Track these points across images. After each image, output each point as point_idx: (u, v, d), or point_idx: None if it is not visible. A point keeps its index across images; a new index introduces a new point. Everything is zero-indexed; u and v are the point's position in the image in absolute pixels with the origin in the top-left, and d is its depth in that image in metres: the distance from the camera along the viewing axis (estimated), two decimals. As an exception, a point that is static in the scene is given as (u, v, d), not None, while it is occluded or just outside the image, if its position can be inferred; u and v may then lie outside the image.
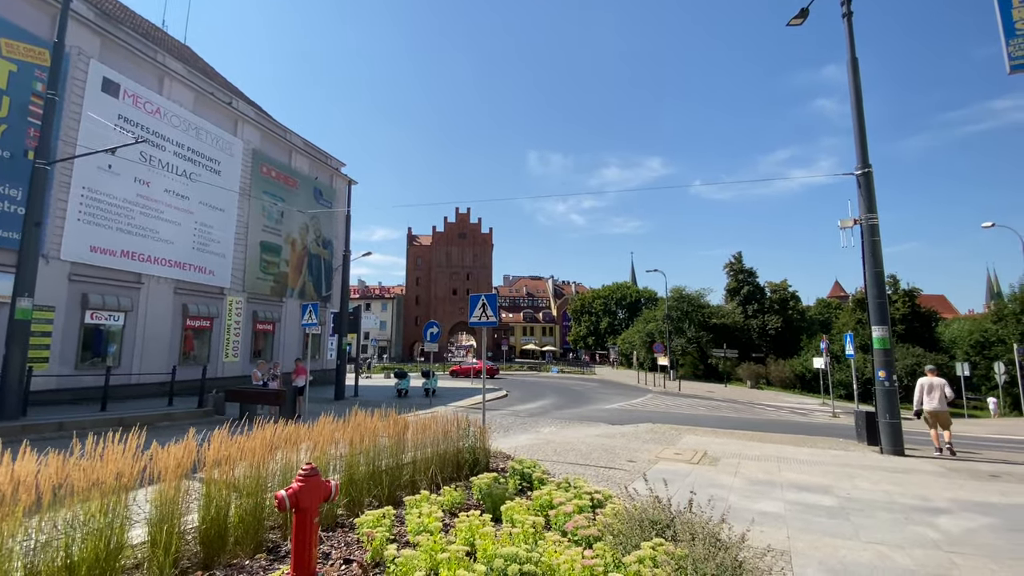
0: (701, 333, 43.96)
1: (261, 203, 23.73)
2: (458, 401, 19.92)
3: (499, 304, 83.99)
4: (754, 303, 45.97)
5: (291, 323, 25.54)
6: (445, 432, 6.82)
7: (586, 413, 17.79)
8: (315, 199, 27.93)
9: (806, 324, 44.97)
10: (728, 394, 29.63)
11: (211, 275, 20.92)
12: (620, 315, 72.66)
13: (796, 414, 20.68)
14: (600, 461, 8.68)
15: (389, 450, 6.04)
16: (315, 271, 27.90)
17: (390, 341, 74.31)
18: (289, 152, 26.39)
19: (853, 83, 11.06)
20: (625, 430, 12.78)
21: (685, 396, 27.35)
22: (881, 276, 10.61)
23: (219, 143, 21.56)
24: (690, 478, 7.54)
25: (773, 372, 38.39)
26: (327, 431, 5.61)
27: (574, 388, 30.52)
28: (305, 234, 27.08)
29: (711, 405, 22.95)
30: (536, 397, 23.97)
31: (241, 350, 22.33)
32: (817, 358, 24.69)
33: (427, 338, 18.37)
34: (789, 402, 26.36)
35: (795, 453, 9.94)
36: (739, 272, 47.99)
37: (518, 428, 13.04)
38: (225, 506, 4.31)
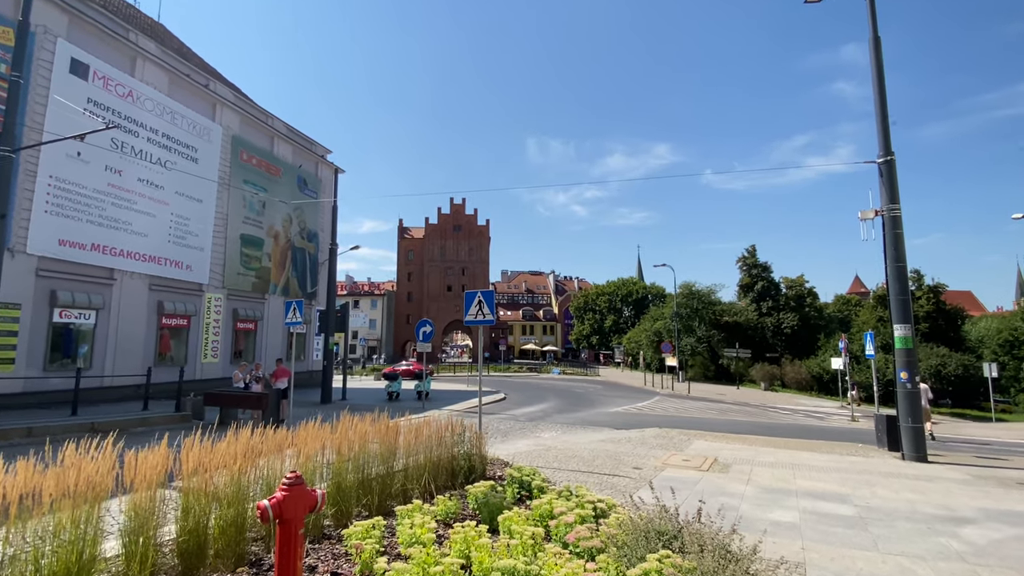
0: (712, 332, 44.03)
1: (241, 193, 23.66)
2: (453, 405, 19.94)
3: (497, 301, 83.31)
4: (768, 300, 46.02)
5: (274, 322, 25.52)
6: (439, 437, 6.83)
7: (589, 417, 17.83)
8: (299, 189, 27.86)
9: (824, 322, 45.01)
10: (740, 397, 29.71)
11: (188, 270, 20.88)
12: (626, 313, 72.73)
13: (812, 418, 20.75)
14: (604, 468, 8.71)
15: (379, 457, 6.05)
16: (299, 266, 27.86)
17: (380, 341, 74.33)
18: (271, 138, 26.30)
19: (875, 63, 11.05)
20: (631, 435, 12.82)
21: (695, 399, 27.43)
22: (904, 271, 10.63)
23: (196, 129, 21.47)
24: (699, 486, 7.57)
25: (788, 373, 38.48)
26: (313, 437, 5.62)
27: (576, 390, 30.58)
28: (289, 226, 27.03)
29: (722, 408, 23.01)
30: (536, 400, 24.02)
31: (221, 350, 22.32)
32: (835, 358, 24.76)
33: (420, 338, 18.37)
34: (805, 405, 26.45)
35: (811, 459, 9.98)
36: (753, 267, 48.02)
37: (517, 433, 13.08)
38: (204, 517, 4.32)
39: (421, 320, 18.92)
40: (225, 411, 13.45)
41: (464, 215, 74.82)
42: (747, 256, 48.96)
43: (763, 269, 47.82)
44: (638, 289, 72.94)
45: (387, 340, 74.24)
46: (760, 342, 43.76)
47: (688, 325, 44.54)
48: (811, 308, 45.36)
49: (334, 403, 19.52)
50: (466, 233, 74.18)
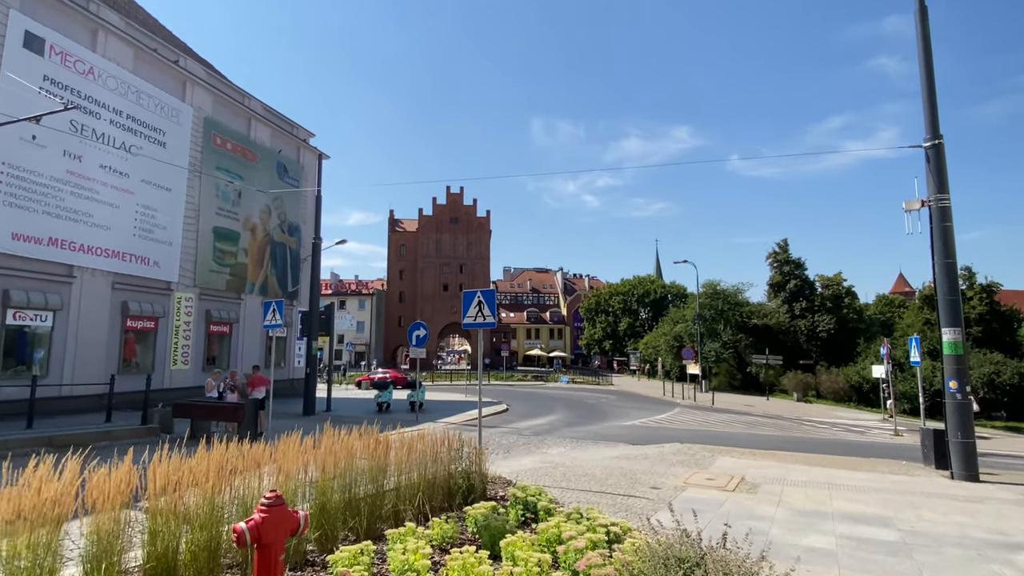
0: (739, 336, 43.95)
1: (215, 181, 23.74)
2: (449, 417, 19.95)
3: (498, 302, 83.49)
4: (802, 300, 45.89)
5: (251, 324, 25.61)
6: (434, 453, 6.85)
7: (602, 431, 17.83)
8: (279, 176, 27.93)
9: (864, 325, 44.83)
10: (770, 408, 29.67)
11: (156, 267, 20.96)
12: (642, 315, 72.69)
13: (851, 432, 20.71)
14: (618, 488, 8.71)
15: (368, 474, 6.06)
16: (279, 262, 27.94)
17: (369, 345, 74.49)
18: (248, 120, 26.36)
19: (921, 36, 11.00)
20: (648, 451, 12.81)
21: (719, 411, 27.40)
22: (953, 268, 10.59)
23: (164, 110, 21.55)
24: (724, 508, 7.57)
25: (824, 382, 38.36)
26: (295, 452, 5.64)
27: (587, 401, 30.56)
28: (267, 218, 27.11)
29: (750, 421, 22.99)
30: (542, 412, 24.01)
31: (192, 356, 22.41)
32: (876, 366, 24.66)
33: (413, 342, 18.40)
34: (843, 418, 26.39)
35: (849, 478, 9.96)
36: (784, 263, 47.90)
37: (521, 449, 13.08)
38: (174, 541, 4.34)
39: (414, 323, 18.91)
40: (196, 424, 13.49)
41: (462, 206, 74.89)
42: (778, 251, 48.83)
43: (796, 266, 47.69)
44: (656, 288, 72.87)
45: (377, 345, 74.36)
46: (792, 347, 43.63)
47: (712, 328, 44.46)
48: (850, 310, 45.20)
49: (318, 415, 19.56)
50: (464, 226, 74.26)
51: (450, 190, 74.81)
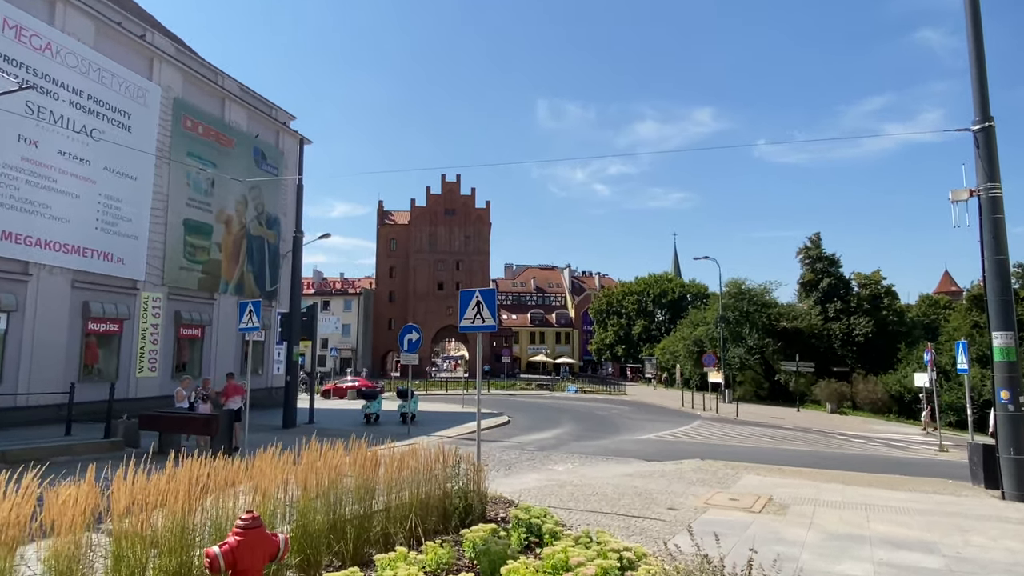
0: (766, 340, 43.92)
1: (185, 168, 23.79)
2: (444, 430, 19.96)
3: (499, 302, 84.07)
4: (836, 301, 45.82)
5: (225, 327, 25.67)
6: (428, 470, 6.86)
7: (614, 445, 17.85)
8: (256, 163, 27.98)
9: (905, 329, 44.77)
10: (801, 421, 29.66)
11: (120, 264, 21.02)
12: (659, 316, 72.66)
13: (891, 447, 20.69)
14: (632, 509, 8.72)
15: (355, 494, 6.08)
16: (256, 259, 27.99)
17: (355, 351, 74.62)
18: (222, 101, 26.41)
19: (970, 6, 10.98)
20: (665, 468, 12.82)
21: (744, 423, 27.40)
22: (1005, 265, 10.57)
23: (129, 89, 21.59)
24: (750, 531, 7.58)
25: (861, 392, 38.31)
26: (273, 469, 5.65)
27: (598, 412, 30.57)
28: (243, 210, 27.16)
29: (778, 435, 22.99)
30: (548, 424, 24.04)
31: (160, 362, 22.47)
32: (919, 373, 24.60)
33: (404, 347, 18.41)
34: (881, 431, 26.38)
35: (888, 499, 9.96)
36: (817, 260, 47.84)
37: (524, 465, 13.11)
38: (140, 566, 4.35)
39: (406, 326, 18.93)
40: (165, 437, 13.53)
41: (458, 196, 74.94)
42: (810, 247, 48.78)
43: (830, 263, 47.63)
44: (674, 287, 72.88)
45: (364, 350, 74.49)
46: (826, 353, 43.58)
47: (736, 332, 44.43)
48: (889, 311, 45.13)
49: (299, 427, 19.59)
50: (461, 218, 74.33)
51: (445, 178, 74.86)
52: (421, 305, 71.45)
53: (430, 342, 72.16)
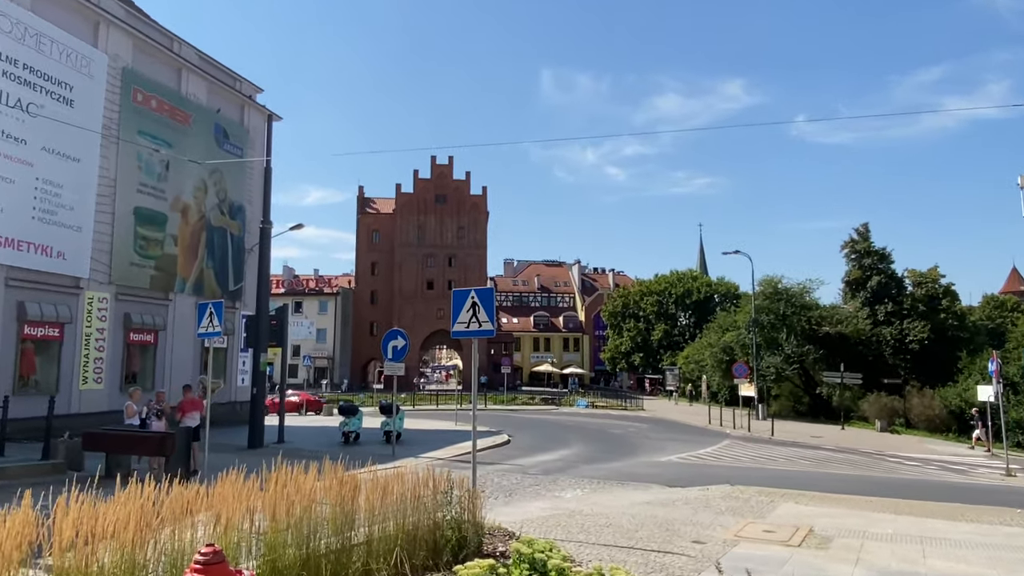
0: (806, 348, 43.85)
1: (136, 149, 23.79)
2: (434, 450, 19.95)
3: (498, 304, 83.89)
4: (887, 302, 45.75)
5: (182, 332, 25.67)
6: (416, 497, 6.86)
7: (630, 469, 17.85)
8: (218, 143, 27.98)
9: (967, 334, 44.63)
10: (845, 440, 29.66)
11: (61, 259, 21.03)
12: (682, 320, 72.68)
13: (949, 471, 20.68)
14: (651, 542, 8.72)
15: (332, 524, 6.07)
16: (218, 253, 28.00)
17: (332, 359, 74.73)
18: (178, 71, 26.40)
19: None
20: (689, 495, 12.82)
21: (780, 443, 27.41)
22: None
23: (71, 58, 21.59)
24: (787, 568, 7.57)
25: (915, 407, 38.24)
26: (237, 495, 5.65)
27: (612, 431, 30.56)
28: (203, 197, 27.17)
29: (819, 457, 22.99)
30: (554, 444, 24.05)
31: (107, 373, 22.48)
32: (983, 386, 24.52)
33: (388, 355, 18.40)
34: (939, 452, 26.36)
35: (948, 531, 9.95)
36: (864, 255, 47.77)
37: (527, 492, 13.11)
38: (84, 608, 4.34)
39: (390, 331, 18.92)
40: (113, 459, 13.52)
41: (451, 180, 75.00)
42: (856, 240, 48.73)
43: (880, 258, 47.58)
44: (700, 286, 72.93)
45: (342, 359, 74.57)
46: (875, 362, 43.54)
47: (772, 338, 44.40)
48: (948, 314, 45.04)
49: (267, 447, 19.58)
50: (454, 206, 74.39)
51: (436, 160, 74.91)
52: (408, 307, 71.49)
53: (418, 350, 72.21)
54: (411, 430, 25.66)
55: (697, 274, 78.85)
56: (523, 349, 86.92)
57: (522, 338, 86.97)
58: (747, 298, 49.75)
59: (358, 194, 77.81)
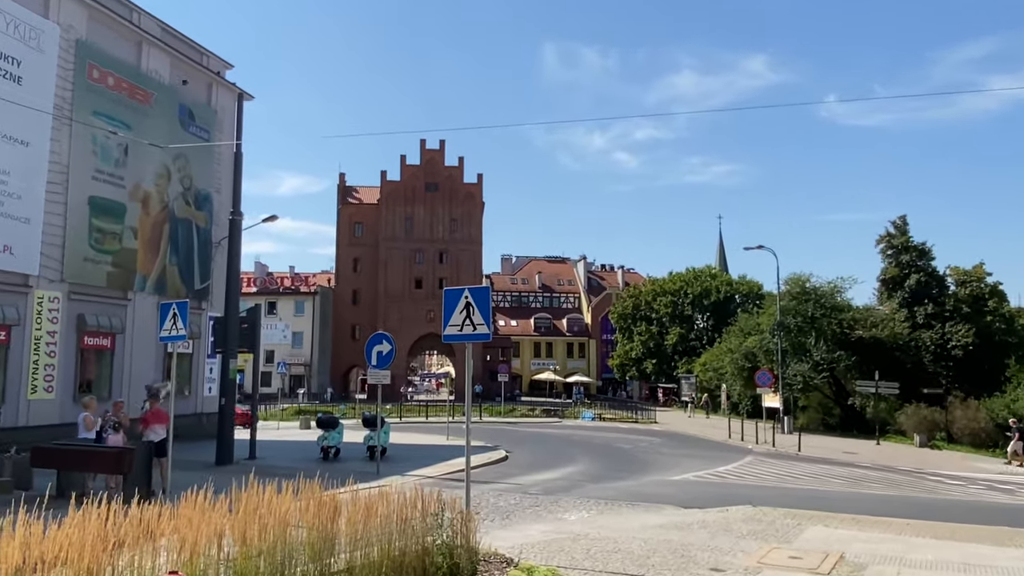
0: (837, 354, 43.85)
1: (91, 131, 23.75)
2: (423, 468, 19.93)
3: (495, 304, 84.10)
4: (927, 303, 45.78)
5: (143, 335, 25.65)
6: (403, 519, 6.86)
7: (641, 488, 17.87)
8: (182, 125, 27.95)
9: (1016, 339, 44.67)
10: (881, 457, 29.70)
11: (8, 254, 21.02)
12: (699, 323, 72.73)
13: (997, 491, 20.70)
14: (664, 569, 8.72)
15: (309, 550, 6.07)
16: (183, 248, 27.96)
17: (309, 366, 74.72)
18: (138, 45, 26.36)
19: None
20: (707, 517, 12.83)
21: (808, 460, 27.43)
22: None
23: (19, 30, 21.56)
24: (816, 598, 7.56)
25: (958, 420, 38.26)
26: (205, 518, 5.64)
27: (620, 446, 30.58)
28: (165, 185, 27.14)
29: (852, 475, 23.02)
30: (557, 461, 24.08)
31: (59, 381, 22.45)
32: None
33: (372, 361, 18.41)
34: (985, 470, 26.42)
35: (995, 557, 9.96)
36: (902, 250, 47.80)
37: (526, 514, 13.12)
38: (34, 643, 4.34)
39: (375, 334, 18.93)
40: (66, 476, 13.50)
41: (442, 167, 75.04)
42: (893, 234, 48.79)
43: (919, 254, 47.62)
44: (719, 285, 72.96)
45: (320, 365, 74.58)
46: (913, 370, 43.56)
47: (799, 343, 44.41)
48: (996, 316, 45.07)
49: (237, 464, 19.57)
50: (446, 195, 74.42)
51: (425, 145, 74.93)
52: (394, 308, 71.53)
53: (405, 355, 72.24)
54: (397, 445, 25.64)
55: (716, 272, 78.93)
56: (522, 355, 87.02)
57: (521, 343, 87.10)
58: (772, 298, 49.84)
59: (339, 182, 77.87)
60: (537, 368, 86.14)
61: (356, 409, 47.55)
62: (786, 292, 45.22)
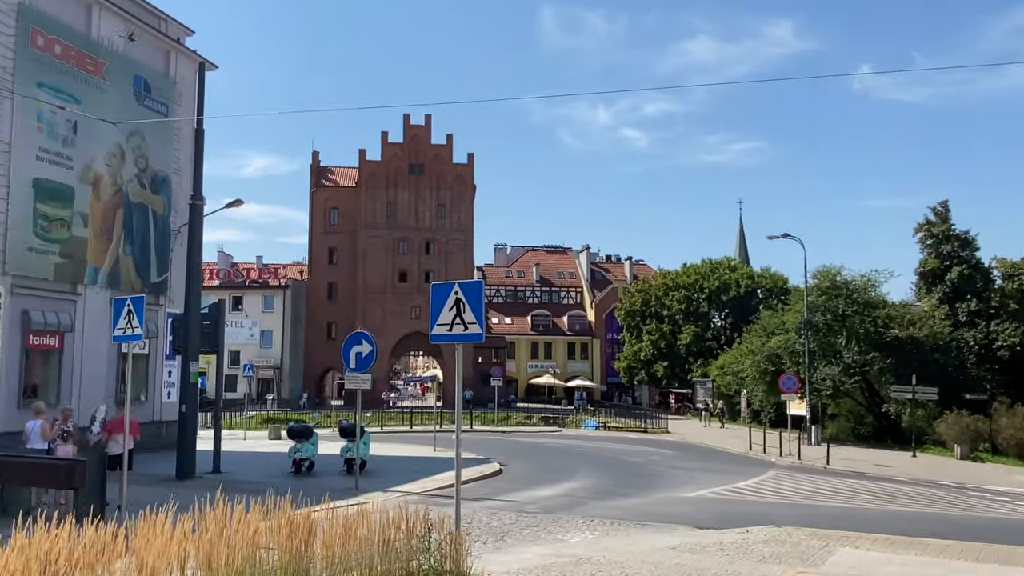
0: (871, 355, 43.88)
1: (35, 106, 23.66)
2: (407, 483, 19.96)
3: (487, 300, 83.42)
4: (971, 299, 45.88)
5: (94, 334, 25.57)
6: (385, 541, 6.89)
7: (651, 506, 17.92)
8: (137, 99, 27.83)
9: (1069, 339, 44.95)
10: (918, 470, 29.80)
11: (-59, 243, 20.92)
12: (717, 321, 72.78)
13: (1047, 509, 20.81)
14: (676, 596, 8.75)
15: (281, 574, 6.09)
16: (138, 236, 27.88)
17: (280, 369, 74.59)
18: (88, 9, 26.21)
19: None
20: (725, 539, 12.87)
21: (837, 474, 27.53)
22: None
23: (-47, -9, 21.43)
24: (844, 628, 7.61)
25: (1004, 429, 38.37)
26: (165, 539, 5.66)
27: (628, 458, 30.65)
28: (119, 166, 27.03)
29: (886, 491, 23.13)
30: (557, 475, 24.15)
31: (2, 385, 22.38)
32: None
33: (350, 364, 18.35)
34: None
35: (1042, 582, 10.02)
36: (943, 240, 47.87)
37: (523, 534, 13.15)
38: None
39: (353, 334, 18.88)
40: (10, 492, 13.49)
41: (428, 145, 74.86)
42: (934, 221, 48.88)
43: (961, 244, 47.70)
44: (739, 279, 72.94)
45: (292, 368, 74.46)
46: (954, 373, 43.63)
47: (828, 343, 44.44)
48: (1048, 314, 45.25)
49: (200, 478, 19.57)
50: (433, 178, 74.25)
51: (409, 120, 74.68)
52: (375, 304, 71.47)
53: (388, 357, 72.20)
54: (379, 457, 25.67)
55: (736, 263, 78.89)
56: (518, 356, 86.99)
57: (517, 343, 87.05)
58: (798, 293, 49.82)
59: (312, 162, 77.64)
60: (535, 371, 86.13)
61: (332, 417, 47.49)
62: (814, 286, 45.24)
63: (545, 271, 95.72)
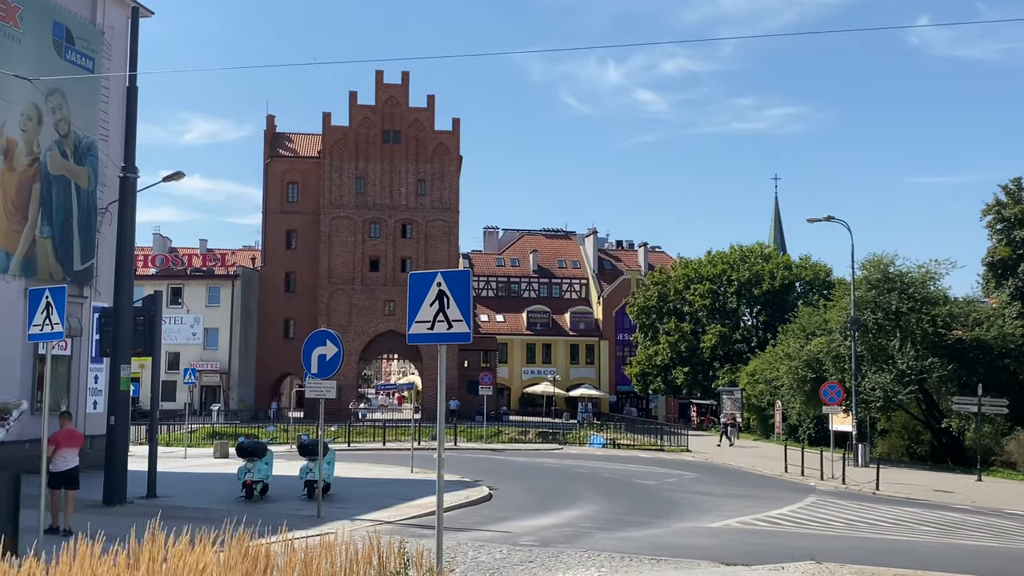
0: (930, 360, 43.88)
1: (-66, 59, 23.58)
2: (379, 510, 19.96)
3: (476, 293, 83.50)
4: (1049, 294, 46.13)
5: (6, 331, 25.53)
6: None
7: (669, 538, 17.96)
8: (58, 51, 27.71)
9: None
10: (983, 496, 29.89)
11: None
12: (747, 319, 72.90)
13: None
14: (698, 645, 8.81)
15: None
16: (59, 215, 27.81)
17: (227, 374, 74.52)
18: (-3, -58, 26.14)
19: None
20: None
21: (889, 501, 27.61)
22: None
23: None
24: None
25: (1088, 450, 38.66)
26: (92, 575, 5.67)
27: (642, 482, 30.71)
28: (35, 131, 26.94)
29: (945, 521, 23.22)
30: (557, 501, 24.22)
31: None
32: None
33: (311, 368, 18.34)
34: (1120, 516, 26.71)
35: None
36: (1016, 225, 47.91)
37: (516, 571, 13.19)
38: None
39: (315, 332, 18.85)
40: None
41: (406, 109, 74.71)
42: (1004, 202, 48.93)
43: (1039, 229, 47.83)
44: (774, 269, 72.98)
45: (242, 373, 74.38)
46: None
47: (879, 346, 44.56)
48: None
49: (132, 504, 19.60)
50: (411, 147, 74.15)
51: (382, 79, 74.42)
52: (341, 297, 71.46)
53: (357, 361, 72.24)
54: (346, 479, 25.71)
55: (770, 251, 78.96)
56: (512, 360, 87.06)
57: (510, 344, 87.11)
58: (843, 287, 49.99)
59: (267, 128, 77.39)
60: (531, 378, 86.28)
61: (290, 432, 47.54)
62: (863, 279, 45.26)
63: (544, 259, 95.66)
